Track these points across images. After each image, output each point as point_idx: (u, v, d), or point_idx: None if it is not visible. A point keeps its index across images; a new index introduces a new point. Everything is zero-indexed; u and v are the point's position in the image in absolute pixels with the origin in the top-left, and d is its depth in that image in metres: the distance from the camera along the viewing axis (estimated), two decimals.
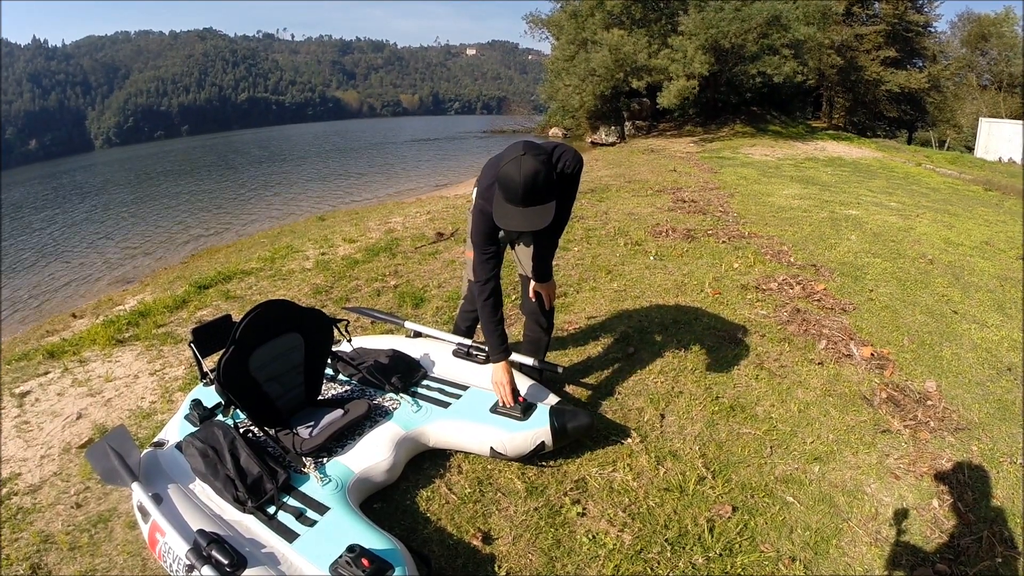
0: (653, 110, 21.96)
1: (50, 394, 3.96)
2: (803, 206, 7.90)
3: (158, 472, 2.49)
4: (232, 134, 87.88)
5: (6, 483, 3.05)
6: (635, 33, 19.20)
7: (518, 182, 2.18)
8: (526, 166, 2.18)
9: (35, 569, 2.44)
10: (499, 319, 2.68)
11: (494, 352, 2.69)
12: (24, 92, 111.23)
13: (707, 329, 4.02)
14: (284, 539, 2.10)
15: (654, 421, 3.04)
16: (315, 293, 5.26)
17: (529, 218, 2.25)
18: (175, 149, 56.76)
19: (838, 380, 3.41)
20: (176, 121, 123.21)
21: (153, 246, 11.67)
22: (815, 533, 2.34)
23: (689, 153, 14.93)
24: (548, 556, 2.25)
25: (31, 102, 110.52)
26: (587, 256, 5.66)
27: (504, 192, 2.26)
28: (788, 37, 17.79)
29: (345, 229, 7.84)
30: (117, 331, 4.81)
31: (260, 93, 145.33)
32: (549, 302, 3.01)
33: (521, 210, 2.24)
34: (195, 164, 33.64)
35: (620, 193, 8.96)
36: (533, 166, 2.18)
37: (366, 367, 3.02)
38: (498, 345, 2.67)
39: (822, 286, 4.77)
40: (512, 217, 2.28)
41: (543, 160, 2.20)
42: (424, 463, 2.76)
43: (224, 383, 2.47)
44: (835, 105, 28.71)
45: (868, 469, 2.69)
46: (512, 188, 2.21)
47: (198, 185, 22.63)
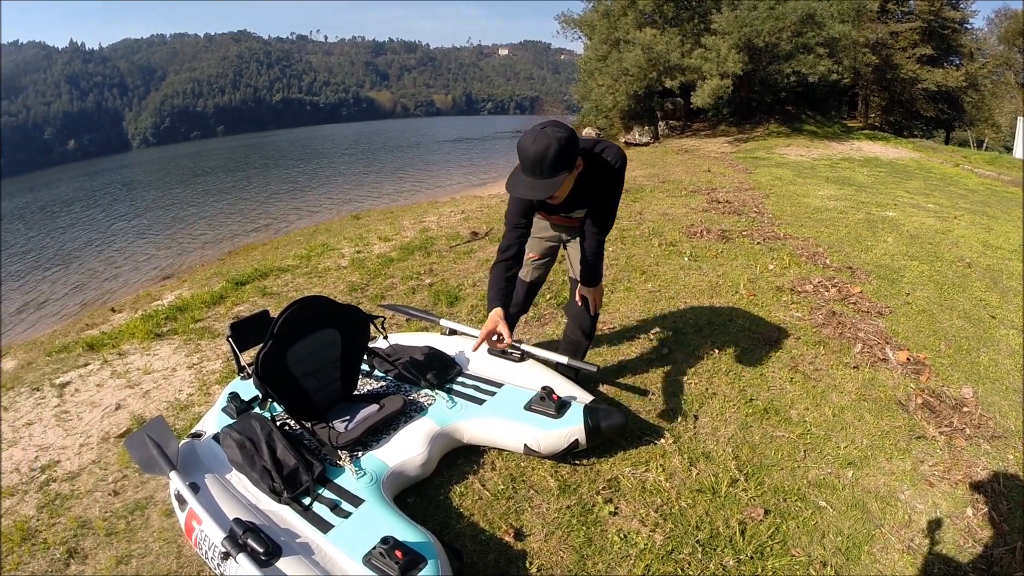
0: (687, 110, 21.74)
1: (89, 385, 4.07)
2: (839, 207, 7.77)
3: (195, 462, 2.54)
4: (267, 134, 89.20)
5: (45, 470, 3.14)
6: (668, 32, 19.03)
7: (529, 151, 2.23)
8: (541, 139, 2.22)
9: (72, 553, 2.51)
10: (507, 278, 2.63)
11: (491, 301, 2.62)
12: (62, 94, 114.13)
13: (742, 331, 3.97)
14: (319, 530, 2.13)
15: (687, 422, 3.02)
16: (350, 290, 5.32)
17: (533, 187, 2.29)
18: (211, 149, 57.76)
19: (873, 385, 3.35)
20: (212, 121, 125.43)
21: (190, 243, 11.90)
22: (847, 539, 2.30)
23: (723, 153, 14.77)
24: (579, 554, 2.25)
25: (69, 103, 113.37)
26: (621, 256, 5.64)
27: (519, 159, 2.32)
28: (822, 35, 17.48)
29: (380, 227, 7.92)
30: (155, 325, 4.92)
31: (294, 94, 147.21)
32: (594, 307, 3.00)
33: (527, 179, 2.30)
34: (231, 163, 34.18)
35: (654, 193, 8.90)
36: (547, 140, 2.21)
37: (402, 363, 3.04)
38: (497, 296, 2.61)
39: (858, 289, 4.69)
40: (519, 184, 2.33)
41: (560, 138, 2.22)
42: (458, 459, 2.78)
43: (262, 376, 2.52)
44: (871, 104, 28.14)
45: (902, 475, 2.64)
46: (524, 156, 2.27)
47: (235, 183, 23.02)
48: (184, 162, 40.61)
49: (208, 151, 53.44)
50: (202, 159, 40.94)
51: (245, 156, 39.50)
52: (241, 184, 22.45)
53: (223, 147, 59.56)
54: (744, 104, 21.08)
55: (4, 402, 3.93)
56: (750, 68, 18.26)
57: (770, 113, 21.32)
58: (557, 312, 4.39)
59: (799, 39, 17.71)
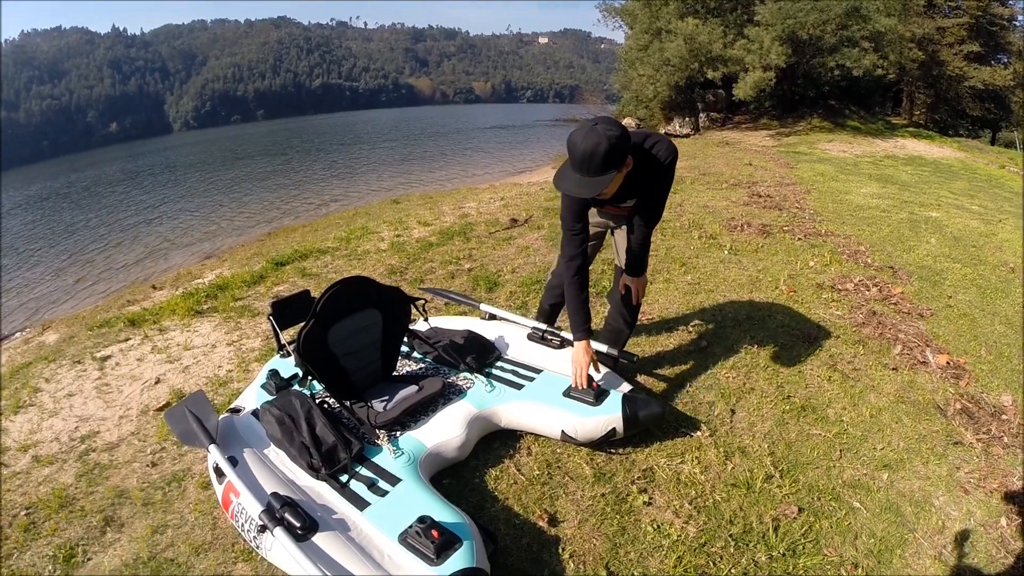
0: (728, 102, 21.36)
1: (130, 359, 4.16)
2: (881, 205, 7.61)
3: (234, 436, 2.59)
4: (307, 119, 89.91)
5: (85, 440, 3.22)
6: (710, 22, 18.71)
7: (579, 148, 2.23)
8: (591, 136, 2.21)
9: (108, 521, 2.57)
10: (585, 298, 2.71)
11: (576, 330, 2.70)
12: (104, 78, 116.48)
13: (781, 327, 3.92)
14: (355, 507, 2.16)
15: (724, 416, 3.00)
16: (390, 273, 5.37)
17: (581, 184, 2.29)
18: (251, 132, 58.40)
19: (912, 387, 3.29)
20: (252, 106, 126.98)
21: (231, 223, 12.05)
22: (880, 541, 2.27)
23: (765, 147, 14.53)
24: (612, 542, 2.25)
25: (111, 87, 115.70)
26: (661, 247, 5.60)
27: (569, 155, 2.32)
28: (868, 29, 17.04)
29: (419, 212, 7.96)
30: (196, 303, 5.01)
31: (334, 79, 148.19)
32: (637, 297, 3.00)
33: (576, 176, 2.30)
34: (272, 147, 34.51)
35: (695, 185, 8.81)
36: (597, 138, 2.20)
37: (441, 346, 3.07)
38: (581, 324, 2.69)
39: (899, 289, 4.59)
40: (566, 180, 2.34)
41: (610, 136, 2.21)
42: (494, 443, 2.79)
43: (303, 354, 2.55)
44: (915, 101, 27.36)
45: (937, 481, 2.60)
46: (573, 153, 2.27)
47: (275, 166, 23.22)
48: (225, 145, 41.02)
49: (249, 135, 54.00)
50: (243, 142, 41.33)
51: (286, 140, 39.81)
52: (282, 167, 22.61)
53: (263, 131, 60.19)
54: (786, 97, 20.66)
55: (46, 374, 4.04)
56: (793, 61, 17.89)
57: (813, 107, 20.87)
58: (597, 301, 4.37)
59: (844, 32, 17.30)
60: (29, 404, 3.67)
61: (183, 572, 2.26)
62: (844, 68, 17.86)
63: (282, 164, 23.90)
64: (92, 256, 10.94)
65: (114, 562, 2.34)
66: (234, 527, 2.34)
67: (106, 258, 10.61)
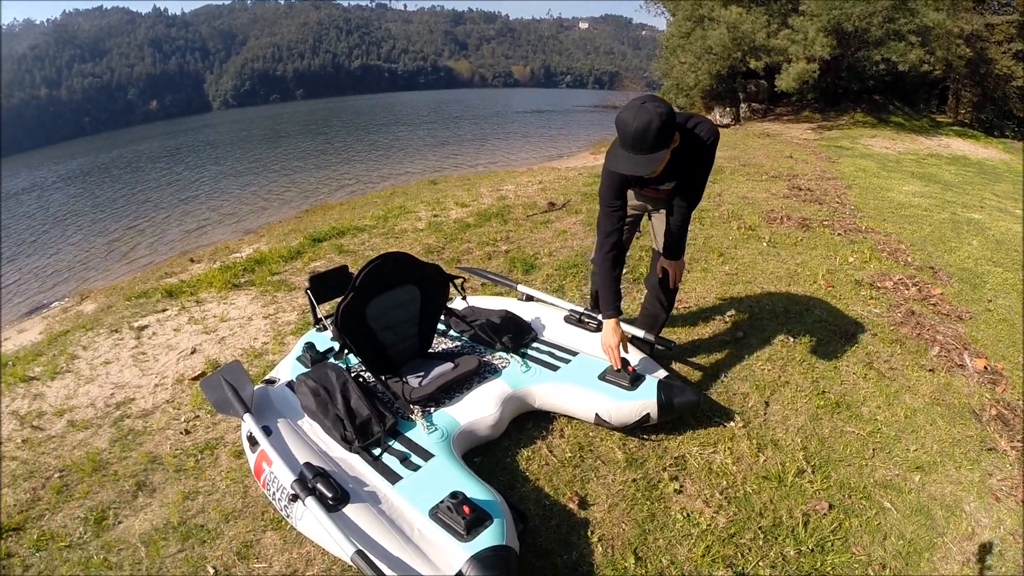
0: (770, 93, 20.92)
1: (167, 329, 4.25)
2: (923, 204, 7.42)
3: (269, 407, 2.64)
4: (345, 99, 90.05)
5: (120, 406, 3.30)
6: (754, 11, 18.32)
7: (630, 127, 2.21)
8: (642, 114, 2.20)
9: (140, 486, 2.63)
10: (616, 276, 2.72)
11: (607, 308, 2.70)
12: (145, 57, 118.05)
13: (818, 321, 3.87)
14: (387, 480, 2.18)
15: (758, 408, 2.97)
16: (427, 253, 5.40)
17: (635, 163, 2.28)
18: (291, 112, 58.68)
19: (948, 390, 3.22)
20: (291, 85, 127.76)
21: (269, 200, 12.15)
22: (908, 543, 2.24)
23: (806, 140, 14.24)
24: (641, 528, 2.25)
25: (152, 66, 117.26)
26: (699, 237, 5.56)
27: (619, 135, 2.30)
28: (915, 23, 16.52)
29: (457, 194, 7.98)
30: (233, 276, 5.09)
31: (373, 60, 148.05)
32: (674, 281, 2.97)
33: (629, 155, 2.28)
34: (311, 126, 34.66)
35: (734, 176, 8.69)
36: (648, 115, 2.19)
37: (478, 325, 3.08)
38: (612, 302, 2.69)
39: (939, 290, 4.49)
40: (620, 160, 2.32)
41: (660, 113, 2.19)
42: (527, 423, 2.80)
43: (341, 327, 2.58)
44: (961, 99, 26.47)
45: (969, 486, 2.54)
46: (624, 132, 2.25)
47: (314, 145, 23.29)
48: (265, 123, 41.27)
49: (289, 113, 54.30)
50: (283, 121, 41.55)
51: (325, 119, 39.86)
52: (321, 146, 22.65)
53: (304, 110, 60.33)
54: (830, 90, 20.19)
55: (83, 341, 4.15)
56: (838, 53, 17.46)
57: (856, 102, 20.37)
58: (634, 286, 4.37)
59: (891, 25, 16.82)
60: (66, 371, 3.77)
61: (212, 538, 2.30)
62: (890, 62, 17.39)
63: (321, 143, 23.95)
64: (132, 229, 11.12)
65: (144, 526, 2.40)
66: (265, 496, 2.39)
67: (145, 231, 10.78)
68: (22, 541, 2.38)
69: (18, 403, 3.42)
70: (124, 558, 2.25)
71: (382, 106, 54.31)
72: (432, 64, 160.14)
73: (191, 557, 2.22)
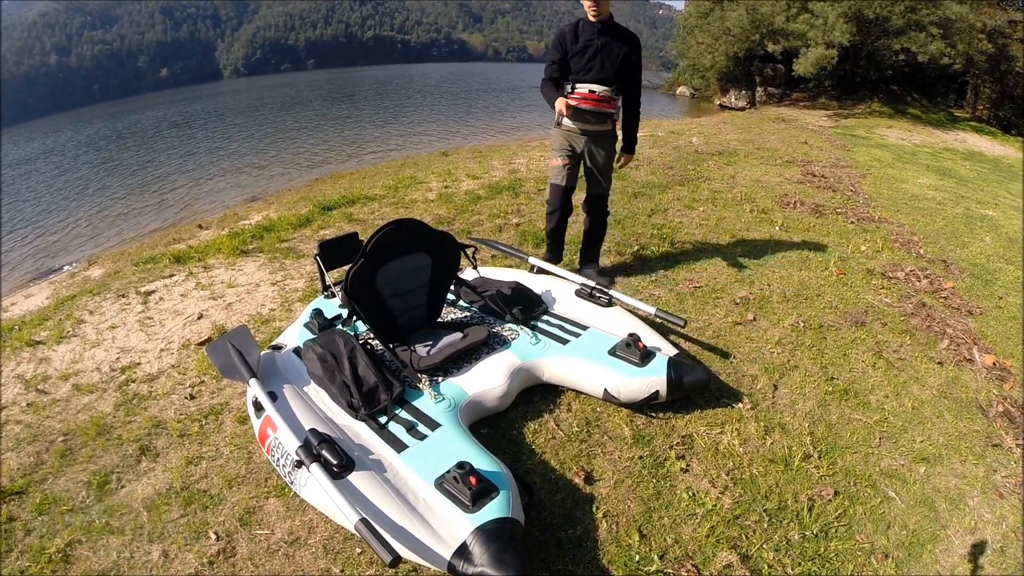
0: (787, 78, 20.71)
1: (174, 294, 4.23)
2: (937, 198, 7.35)
3: (275, 372, 2.62)
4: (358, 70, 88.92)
5: (125, 371, 3.28)
6: None
7: None
8: None
9: (144, 450, 2.62)
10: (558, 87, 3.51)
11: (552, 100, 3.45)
12: (156, 24, 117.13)
13: (829, 308, 3.84)
14: (393, 449, 2.16)
15: (767, 391, 2.95)
16: (437, 223, 5.36)
17: None
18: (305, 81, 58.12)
19: (956, 384, 3.20)
20: (303, 55, 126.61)
21: (279, 168, 12.05)
22: (911, 534, 2.23)
23: (821, 127, 14.09)
24: (646, 505, 2.24)
25: (163, 33, 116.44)
26: (712, 218, 5.53)
27: None
28: (937, 14, 16.30)
29: (469, 166, 7.91)
30: (242, 243, 5.06)
31: (386, 31, 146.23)
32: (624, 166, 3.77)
33: None
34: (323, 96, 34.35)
35: (748, 159, 8.62)
36: None
37: (488, 295, 3.06)
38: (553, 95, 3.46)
39: (950, 284, 4.46)
40: None
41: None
42: (535, 396, 2.78)
43: (351, 293, 2.56)
44: (980, 95, 26.11)
45: (973, 481, 2.53)
46: None
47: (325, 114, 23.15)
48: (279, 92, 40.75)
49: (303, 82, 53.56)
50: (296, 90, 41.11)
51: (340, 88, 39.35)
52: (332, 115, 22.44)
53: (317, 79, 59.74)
54: (847, 78, 19.95)
55: (90, 306, 4.13)
56: (857, 40, 17.21)
57: (874, 91, 20.14)
58: (645, 264, 4.40)
59: (912, 15, 16.57)
60: (72, 335, 3.75)
61: (215, 504, 2.30)
62: (909, 53, 17.14)
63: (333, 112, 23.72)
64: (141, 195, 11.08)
65: (147, 490, 2.39)
66: (269, 461, 2.38)
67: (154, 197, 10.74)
68: (24, 505, 2.37)
69: (23, 367, 3.41)
70: (126, 522, 2.25)
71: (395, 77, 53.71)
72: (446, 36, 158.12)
73: (193, 523, 2.22)
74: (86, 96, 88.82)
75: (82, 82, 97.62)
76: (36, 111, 72.05)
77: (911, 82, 21.17)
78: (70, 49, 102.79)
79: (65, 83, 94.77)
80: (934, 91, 23.04)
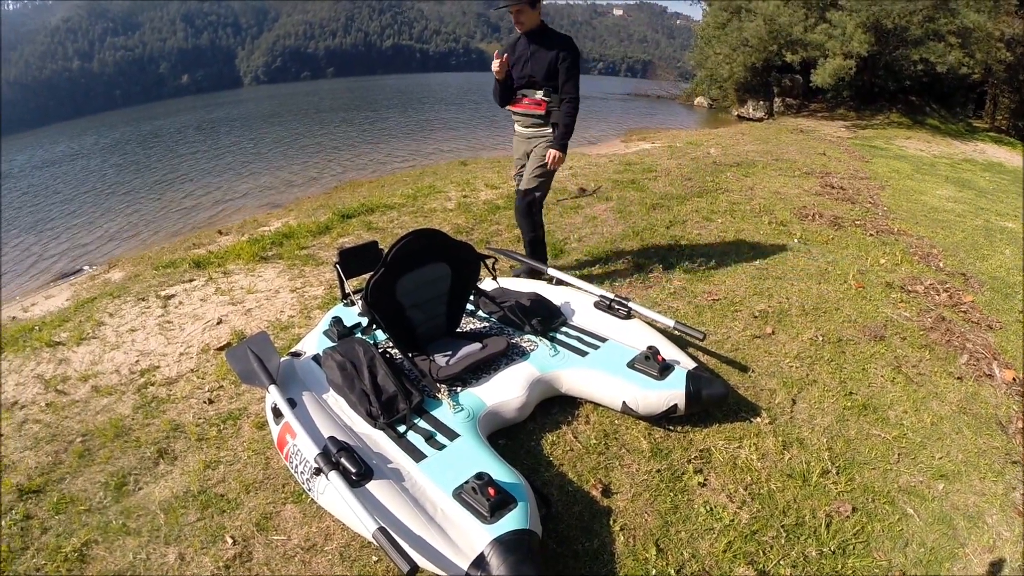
0: (805, 88, 20.61)
1: (194, 299, 4.28)
2: (957, 210, 7.27)
3: (294, 379, 2.64)
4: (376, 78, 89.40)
5: (144, 373, 3.32)
6: (791, 4, 18.01)
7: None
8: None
9: (162, 453, 2.65)
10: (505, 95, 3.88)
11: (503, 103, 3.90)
12: (177, 31, 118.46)
13: (847, 321, 3.81)
14: (411, 458, 2.17)
15: (785, 405, 2.94)
16: (455, 233, 5.38)
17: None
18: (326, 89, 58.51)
19: (975, 399, 3.16)
20: (322, 63, 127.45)
21: (299, 175, 12.12)
22: (930, 552, 2.20)
23: (840, 138, 14.00)
24: (664, 519, 2.23)
25: (184, 40, 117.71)
26: (730, 230, 5.52)
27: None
28: (955, 24, 16.20)
29: (487, 175, 7.94)
30: (261, 249, 5.11)
31: (405, 40, 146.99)
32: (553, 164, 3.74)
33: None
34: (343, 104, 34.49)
35: (766, 170, 8.60)
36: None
37: (508, 306, 3.07)
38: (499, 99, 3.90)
39: (970, 297, 4.40)
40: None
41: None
42: (553, 408, 2.79)
43: (371, 302, 2.57)
44: (999, 105, 25.83)
45: (992, 498, 2.49)
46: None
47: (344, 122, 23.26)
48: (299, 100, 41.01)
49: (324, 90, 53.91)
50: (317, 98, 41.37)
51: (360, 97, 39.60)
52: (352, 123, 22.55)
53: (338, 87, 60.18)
54: (866, 88, 19.80)
55: (110, 309, 4.19)
56: (876, 50, 17.10)
57: (892, 102, 19.98)
58: (663, 276, 4.39)
59: (931, 24, 16.45)
60: (92, 336, 3.80)
61: (232, 508, 2.32)
62: (928, 63, 17.01)
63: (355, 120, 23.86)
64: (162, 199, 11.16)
65: (164, 493, 2.42)
66: (287, 468, 2.39)
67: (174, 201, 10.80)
68: (42, 503, 2.41)
69: (43, 367, 3.46)
70: (143, 524, 2.28)
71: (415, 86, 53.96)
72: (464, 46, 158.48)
73: (210, 526, 2.24)
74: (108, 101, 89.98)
75: (104, 87, 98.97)
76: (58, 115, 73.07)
77: (929, 92, 20.99)
78: (92, 54, 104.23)
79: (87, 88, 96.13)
80: (953, 101, 22.82)
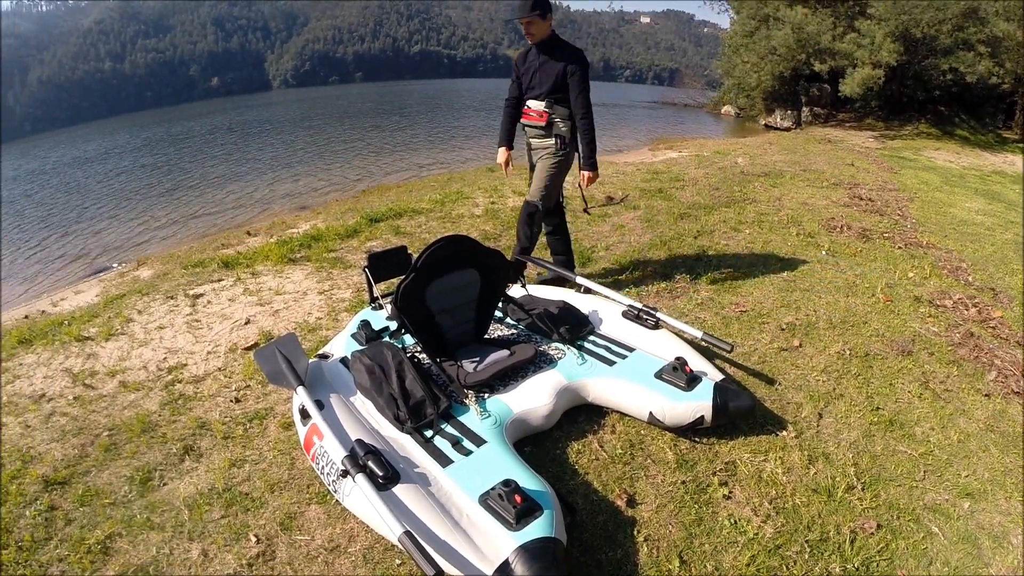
0: (833, 98, 20.38)
1: (222, 299, 4.35)
2: (986, 223, 7.16)
3: (321, 381, 2.68)
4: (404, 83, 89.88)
5: (172, 371, 3.38)
6: (820, 12, 17.87)
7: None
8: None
9: (188, 450, 2.69)
10: (513, 121, 4.01)
11: (501, 141, 4.09)
12: (208, 35, 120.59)
13: (875, 335, 3.78)
14: (438, 463, 2.19)
15: (811, 419, 2.92)
16: (483, 239, 5.42)
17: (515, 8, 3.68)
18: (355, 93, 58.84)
19: (1003, 417, 3.11)
20: (350, 68, 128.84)
21: (328, 177, 12.21)
22: (954, 571, 2.17)
23: (868, 148, 13.83)
24: (688, 531, 2.23)
25: (214, 44, 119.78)
26: (758, 241, 5.50)
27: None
28: (985, 32, 15.94)
29: (515, 182, 7.92)
30: (290, 251, 5.17)
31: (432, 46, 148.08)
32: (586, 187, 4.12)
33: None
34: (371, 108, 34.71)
35: (794, 181, 8.55)
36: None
37: (536, 314, 3.09)
38: (505, 137, 4.09)
39: (999, 313, 4.33)
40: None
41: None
42: (579, 416, 2.79)
43: (400, 307, 2.60)
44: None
45: (1018, 518, 2.45)
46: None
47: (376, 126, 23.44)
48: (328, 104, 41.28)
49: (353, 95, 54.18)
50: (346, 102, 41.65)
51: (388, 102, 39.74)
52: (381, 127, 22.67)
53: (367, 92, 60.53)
54: (894, 98, 19.55)
55: (139, 306, 4.27)
56: (904, 60, 16.86)
57: (921, 112, 19.69)
58: (690, 287, 4.40)
59: (960, 33, 16.22)
60: (120, 333, 3.88)
61: (256, 507, 2.35)
62: (957, 72, 16.76)
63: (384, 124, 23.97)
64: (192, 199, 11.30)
65: (189, 489, 2.45)
66: (313, 469, 2.42)
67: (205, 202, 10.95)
68: (67, 495, 2.45)
69: (72, 361, 3.53)
70: (167, 519, 2.31)
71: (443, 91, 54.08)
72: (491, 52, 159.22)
73: (234, 524, 2.27)
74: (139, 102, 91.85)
75: (135, 89, 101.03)
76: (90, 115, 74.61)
77: (959, 102, 20.65)
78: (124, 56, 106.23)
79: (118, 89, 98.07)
80: (982, 112, 22.41)
